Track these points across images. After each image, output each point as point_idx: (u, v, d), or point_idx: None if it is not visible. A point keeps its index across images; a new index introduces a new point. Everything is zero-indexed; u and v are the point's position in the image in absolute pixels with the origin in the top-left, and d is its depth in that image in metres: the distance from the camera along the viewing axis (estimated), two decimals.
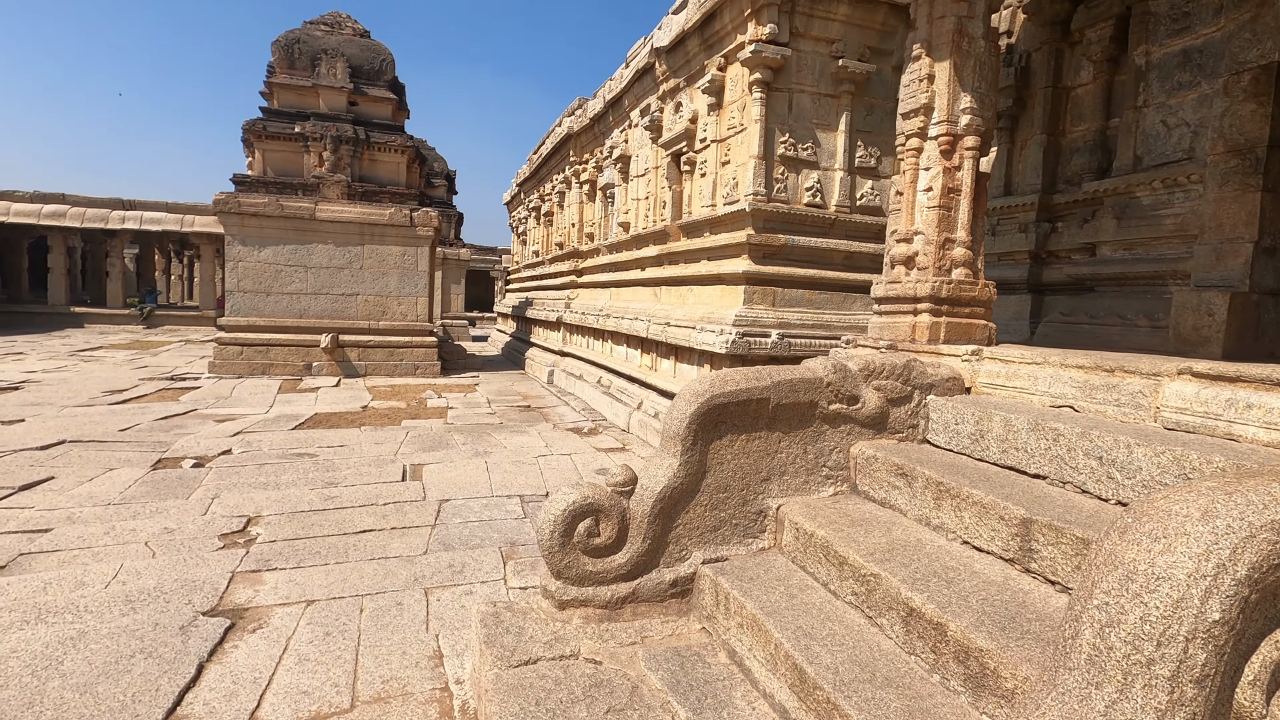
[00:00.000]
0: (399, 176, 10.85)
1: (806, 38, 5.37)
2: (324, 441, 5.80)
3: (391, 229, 10.27)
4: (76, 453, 5.13)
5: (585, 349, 9.25)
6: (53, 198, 17.62)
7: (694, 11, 5.90)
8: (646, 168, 7.71)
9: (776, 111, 5.37)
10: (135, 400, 7.57)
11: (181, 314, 18.92)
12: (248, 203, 9.56)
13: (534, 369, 11.13)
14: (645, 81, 7.47)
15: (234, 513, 3.95)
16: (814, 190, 5.50)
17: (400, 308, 10.52)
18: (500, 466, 5.12)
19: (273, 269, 9.88)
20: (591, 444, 6.05)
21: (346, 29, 10.76)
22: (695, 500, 2.33)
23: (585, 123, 9.63)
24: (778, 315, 5.30)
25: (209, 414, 6.90)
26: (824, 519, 2.23)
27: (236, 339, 9.71)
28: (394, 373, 10.36)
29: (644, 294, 7.48)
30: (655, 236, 7.29)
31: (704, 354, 5.55)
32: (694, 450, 2.30)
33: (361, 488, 4.48)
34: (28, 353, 11.64)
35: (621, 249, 8.52)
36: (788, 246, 5.39)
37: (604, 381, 7.98)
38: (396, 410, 7.48)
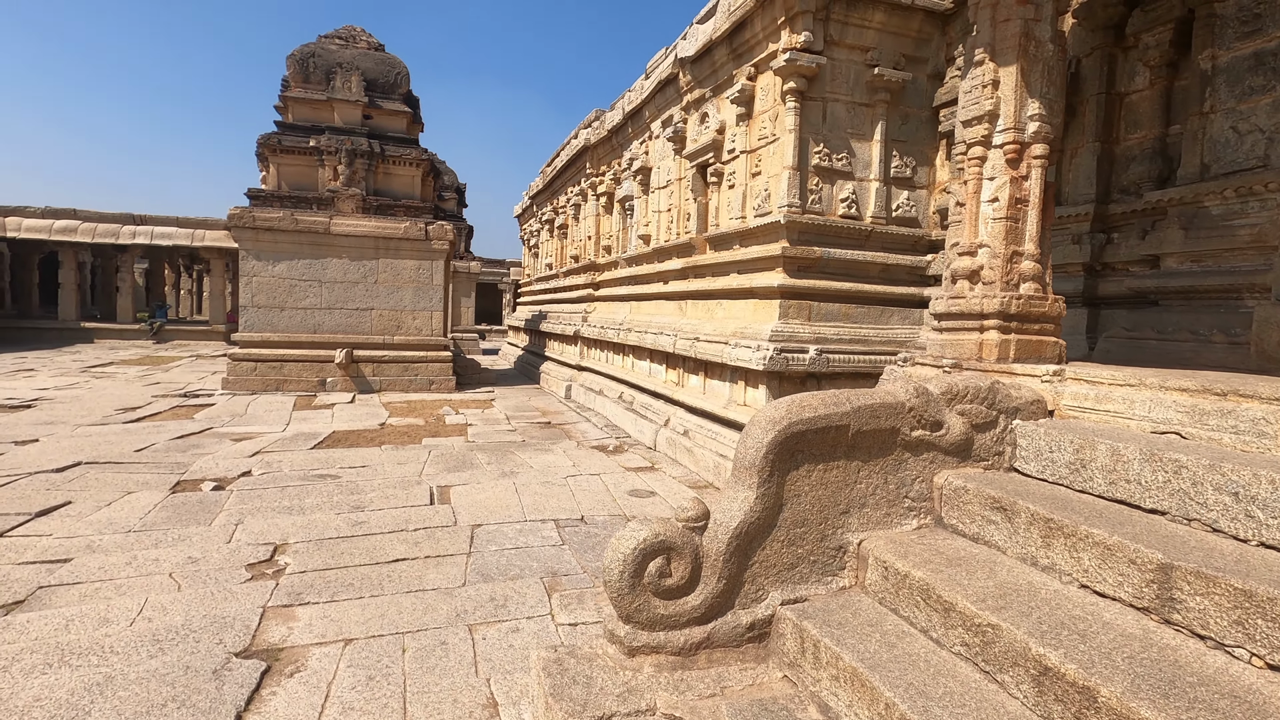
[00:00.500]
0: (414, 190, 10.75)
1: (841, 45, 5.24)
2: (345, 462, 5.64)
3: (406, 243, 10.17)
4: (93, 475, 4.98)
5: (604, 363, 9.09)
6: (64, 213, 17.61)
7: (722, 20, 5.78)
8: (669, 179, 7.58)
9: (810, 121, 5.24)
10: (150, 418, 7.43)
11: (191, 329, 18.85)
12: (262, 217, 9.47)
13: (550, 383, 10.98)
14: (668, 92, 7.36)
15: (260, 540, 3.78)
16: (849, 201, 5.35)
17: (415, 322, 10.39)
18: (529, 488, 4.95)
19: (287, 284, 9.77)
20: (619, 463, 5.88)
21: (361, 43, 10.71)
22: (772, 536, 2.15)
23: (603, 135, 9.52)
24: (814, 330, 5.14)
25: (225, 432, 6.76)
26: (915, 557, 2.05)
27: (250, 355, 9.58)
28: (409, 388, 10.22)
29: (668, 308, 7.32)
30: (679, 249, 7.15)
31: (737, 370, 5.38)
32: (770, 482, 2.13)
33: (389, 512, 4.31)
34: (39, 369, 11.54)
35: (642, 262, 8.38)
36: (823, 259, 5.24)
37: (625, 397, 7.81)
38: (415, 428, 7.32)
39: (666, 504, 4.67)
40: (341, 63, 10.28)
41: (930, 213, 5.62)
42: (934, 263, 5.50)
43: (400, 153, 10.47)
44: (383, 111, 10.61)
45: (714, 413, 5.61)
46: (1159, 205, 3.70)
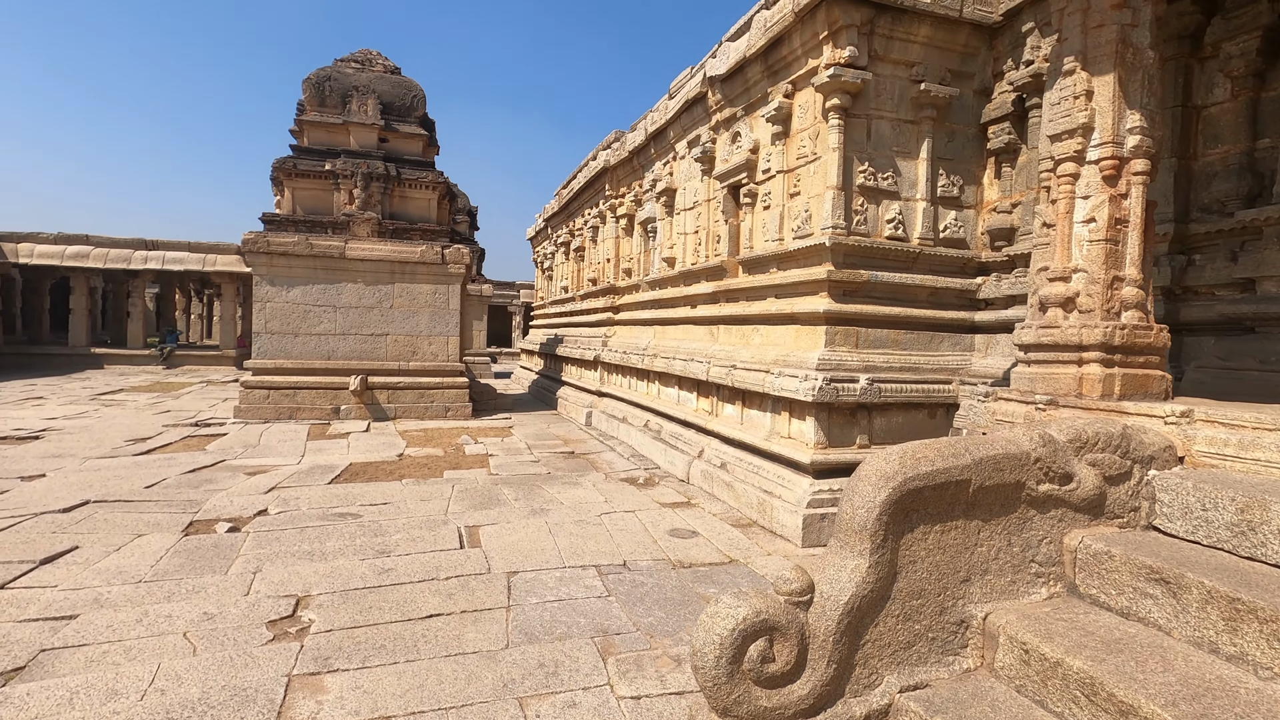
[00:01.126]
0: (429, 213, 10.58)
1: (885, 61, 5.02)
2: (365, 498, 5.35)
3: (422, 267, 9.97)
4: (101, 515, 4.71)
5: (627, 390, 8.81)
6: (76, 239, 17.57)
7: (758, 37, 5.58)
8: (696, 200, 7.36)
9: (854, 139, 5.00)
10: (160, 450, 7.17)
11: (201, 354, 18.69)
12: (277, 242, 9.29)
13: (568, 409, 10.69)
14: (695, 112, 7.16)
15: (280, 591, 3.49)
16: (895, 222, 5.10)
17: (431, 348, 10.16)
18: (563, 528, 4.65)
19: (301, 309, 9.56)
20: (652, 498, 5.57)
21: (377, 66, 10.62)
22: (885, 610, 1.86)
23: (623, 156, 9.34)
24: (863, 358, 4.85)
25: (238, 465, 6.49)
26: (1062, 638, 1.75)
27: (263, 382, 9.34)
28: (424, 415, 9.95)
29: (697, 333, 7.06)
30: (709, 272, 6.90)
31: (779, 400, 5.09)
32: (884, 548, 1.84)
33: (417, 558, 4.01)
34: (48, 397, 11.34)
35: (667, 285, 8.14)
36: (870, 283, 4.97)
37: (652, 425, 7.52)
38: (434, 459, 7.04)
39: (712, 546, 4.36)
40: (357, 86, 10.17)
41: (979, 233, 5.36)
42: (984, 286, 5.22)
43: (416, 175, 10.31)
44: (398, 134, 10.48)
45: (754, 445, 5.32)
46: (1252, 224, 3.42)
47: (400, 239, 10.11)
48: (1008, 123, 5.04)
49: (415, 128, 10.58)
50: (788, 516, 4.49)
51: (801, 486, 4.56)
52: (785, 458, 4.87)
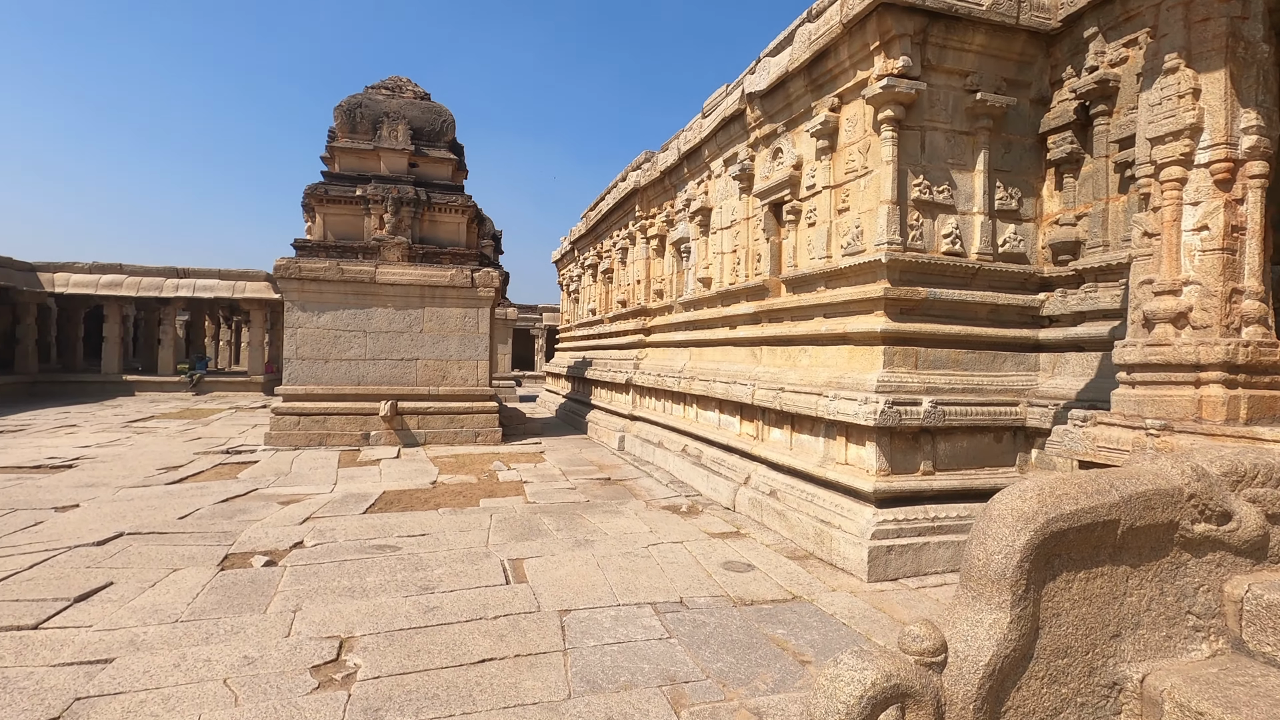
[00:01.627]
0: (459, 237, 10.54)
1: (939, 70, 4.84)
2: (402, 529, 5.17)
3: (452, 290, 9.89)
4: (136, 549, 4.58)
5: (662, 413, 8.60)
6: (110, 268, 17.85)
7: (801, 50, 5.44)
8: (733, 219, 7.19)
9: (908, 152, 4.81)
10: (192, 479, 7.08)
11: (230, 380, 18.81)
12: (308, 267, 9.27)
13: (599, 434, 10.49)
14: (732, 129, 7.03)
15: (322, 632, 3.30)
16: (952, 237, 4.88)
17: (461, 372, 10.04)
18: (610, 561, 4.42)
19: (331, 335, 9.51)
20: (699, 527, 5.33)
21: (407, 92, 10.68)
22: (1028, 671, 1.62)
23: (654, 176, 9.23)
24: (923, 379, 4.61)
25: (271, 494, 6.36)
26: (1246, 707, 1.49)
27: (294, 409, 9.27)
28: (454, 441, 9.81)
29: (737, 354, 6.85)
30: (749, 292, 6.71)
31: (834, 425, 4.85)
32: (1026, 600, 1.61)
33: (462, 594, 3.81)
34: (81, 425, 11.38)
35: (702, 306, 7.95)
36: (928, 300, 4.74)
37: (691, 450, 7.28)
38: (469, 486, 6.86)
39: (770, 580, 4.10)
40: (388, 112, 10.21)
41: (1039, 248, 5.12)
42: (1048, 302, 4.96)
43: (446, 200, 10.29)
44: (428, 159, 10.49)
45: (806, 471, 5.07)
46: None
47: (430, 263, 10.06)
48: (1069, 132, 4.82)
49: (445, 152, 10.59)
50: (850, 548, 4.23)
51: (863, 516, 4.30)
52: (843, 485, 4.61)
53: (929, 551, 4.23)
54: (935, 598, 3.84)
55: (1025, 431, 4.75)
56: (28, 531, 4.96)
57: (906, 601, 3.78)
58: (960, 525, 4.38)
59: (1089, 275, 4.62)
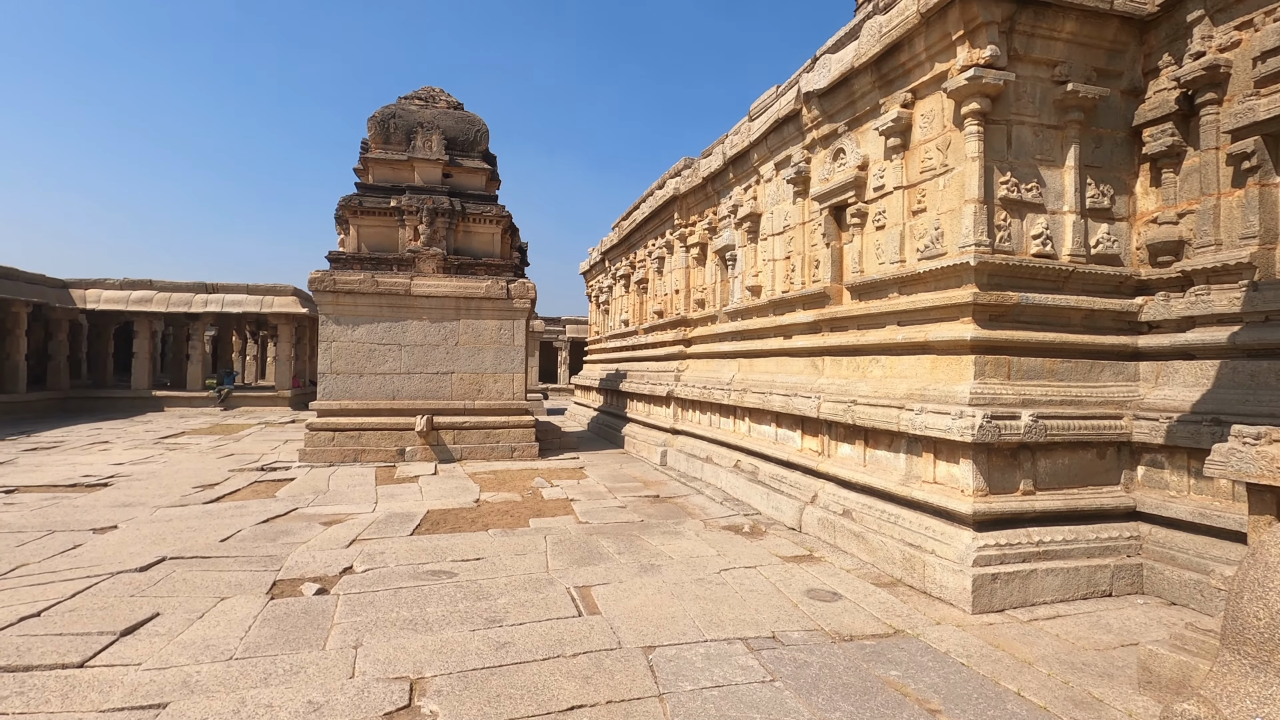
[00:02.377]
0: (493, 248, 10.34)
1: (1026, 60, 4.53)
2: (455, 552, 4.90)
3: (488, 302, 9.68)
4: (180, 575, 4.34)
5: (708, 427, 8.28)
6: (140, 284, 17.92)
7: (869, 44, 5.16)
8: (786, 224, 6.90)
9: (994, 148, 4.50)
10: (229, 497, 6.87)
11: (257, 395, 18.76)
12: (343, 280, 9.10)
13: (638, 448, 10.18)
14: (785, 131, 6.75)
15: (389, 672, 3.02)
16: (1042, 238, 4.55)
17: (496, 385, 9.80)
18: (683, 589, 4.11)
19: (366, 348, 9.32)
20: (768, 550, 5.00)
21: (441, 102, 10.54)
22: None
23: (696, 183, 8.97)
24: (1018, 391, 4.26)
25: (312, 514, 6.12)
26: None
27: (328, 424, 9.07)
28: (490, 456, 9.55)
29: (794, 365, 6.52)
30: (807, 300, 6.39)
31: (919, 440, 4.51)
32: None
33: (533, 627, 3.51)
34: (113, 441, 11.28)
35: (751, 315, 7.65)
36: (1020, 306, 4.41)
37: (744, 466, 6.96)
38: (514, 505, 6.58)
39: (864, 611, 3.76)
40: (422, 122, 10.07)
41: (1133, 248, 4.77)
42: (1148, 307, 4.61)
43: (480, 210, 10.10)
44: (462, 169, 10.32)
45: (886, 490, 4.73)
46: None
47: (465, 274, 9.86)
48: (1169, 123, 4.48)
49: (478, 162, 10.42)
50: (949, 576, 3.88)
51: (961, 541, 3.96)
52: (933, 506, 4.27)
53: (1036, 580, 3.87)
54: (1054, 633, 3.48)
55: (1130, 447, 4.38)
56: (67, 555, 4.75)
57: (1024, 638, 3.42)
58: (1066, 550, 4.02)
59: (1198, 277, 4.26)
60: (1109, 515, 4.27)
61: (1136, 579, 4.07)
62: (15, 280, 15.30)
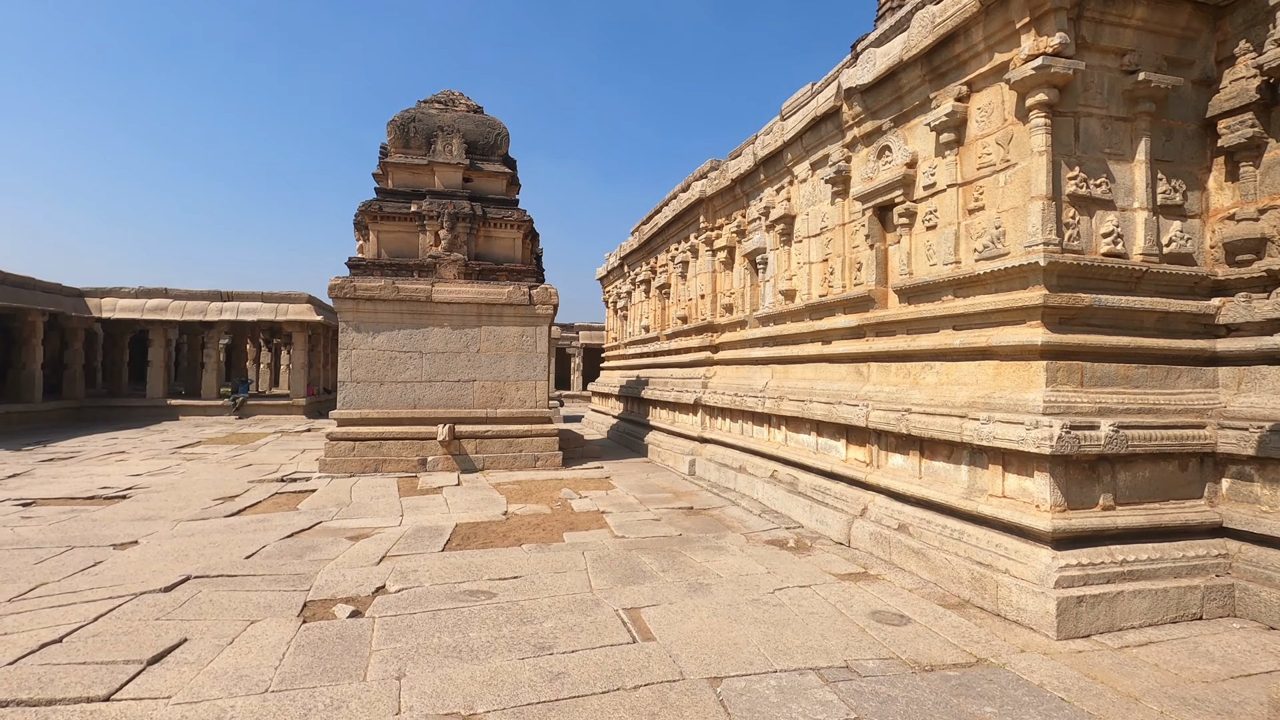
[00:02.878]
0: (514, 253, 10.15)
1: (1094, 49, 4.29)
2: (490, 569, 4.67)
3: (510, 308, 9.48)
4: (206, 595, 4.13)
5: (739, 435, 8.03)
6: (155, 292, 17.86)
7: (921, 36, 4.93)
8: (824, 226, 6.66)
9: (1061, 141, 4.25)
10: (250, 510, 6.67)
11: (272, 403, 18.63)
12: (363, 286, 8.93)
13: (663, 457, 9.94)
14: (823, 130, 6.52)
15: (438, 707, 2.79)
16: (1113, 236, 4.29)
17: (519, 393, 9.59)
18: (739, 611, 3.86)
19: (386, 356, 9.13)
20: (819, 567, 4.74)
21: (460, 106, 10.38)
22: None
23: (723, 185, 8.75)
24: (1093, 399, 4.00)
25: (337, 528, 5.91)
26: None
27: (348, 434, 8.87)
28: (513, 466, 9.32)
29: (835, 371, 6.27)
30: (848, 304, 6.15)
31: (983, 451, 4.26)
32: None
33: (586, 655, 3.27)
34: (130, 451, 11.13)
35: (785, 320, 7.41)
36: (1090, 309, 4.15)
37: (782, 476, 6.70)
38: (544, 518, 6.35)
39: (938, 637, 3.50)
40: (442, 126, 9.91)
41: (1207, 247, 4.50)
42: (1226, 309, 4.34)
43: (501, 214, 9.92)
44: (483, 173, 10.14)
45: (947, 504, 4.47)
46: None
47: (486, 280, 9.67)
48: (1249, 114, 4.22)
49: (499, 166, 10.25)
50: (1028, 599, 3.61)
51: (1039, 560, 3.69)
52: (1003, 522, 4.01)
53: (1123, 603, 3.60)
54: (1152, 662, 3.21)
55: (1215, 458, 4.10)
56: (88, 573, 4.55)
57: (1120, 668, 3.15)
58: (1153, 570, 3.75)
59: None
60: (1193, 532, 3.99)
61: (1228, 601, 3.79)
62: (31, 289, 15.25)
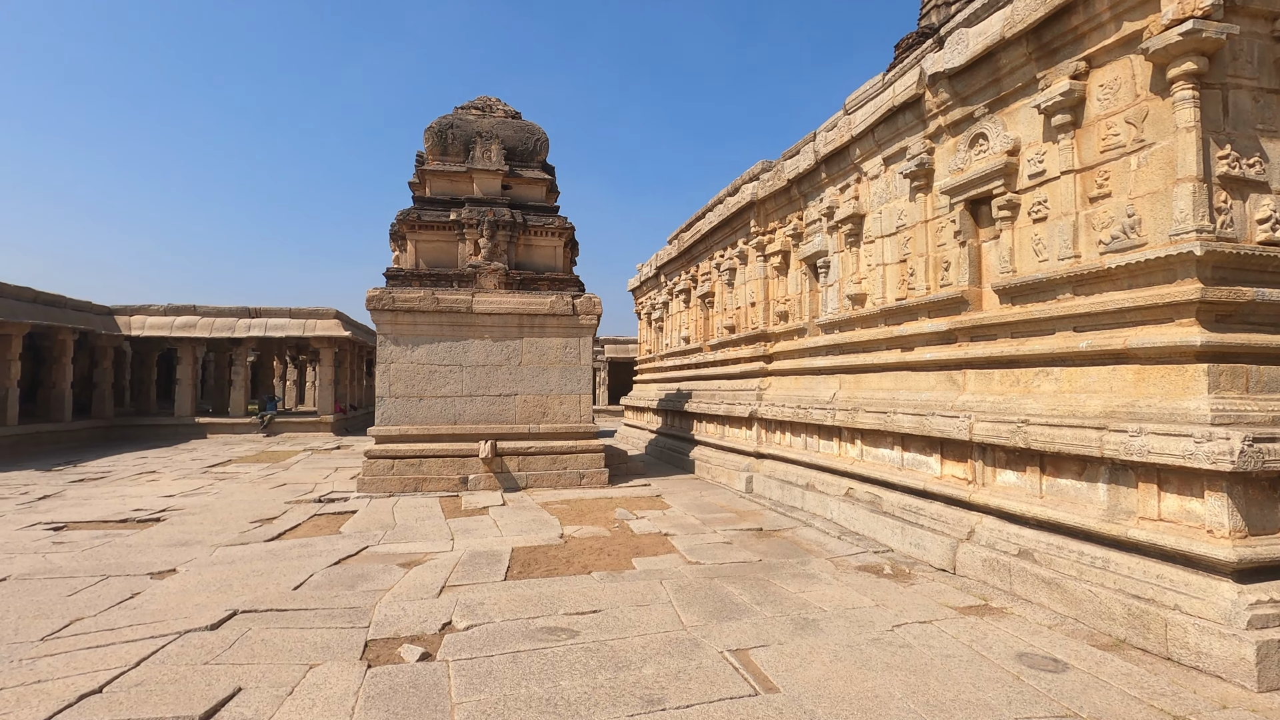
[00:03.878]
0: (555, 261, 9.78)
1: (1243, 13, 3.81)
2: (564, 602, 4.21)
3: (552, 319, 9.08)
4: (257, 634, 3.71)
5: (803, 450, 7.53)
6: (184, 309, 17.74)
7: (1029, 9, 4.48)
8: (901, 224, 6.19)
9: (1210, 116, 3.76)
10: (291, 533, 6.28)
11: (300, 421, 18.38)
12: (402, 297, 8.58)
13: (713, 473, 9.44)
14: (900, 121, 6.07)
15: None
16: (1270, 222, 3.79)
17: (562, 408, 9.16)
18: (863, 654, 3.36)
19: (426, 370, 8.76)
20: (929, 598, 4.23)
21: (498, 111, 10.07)
22: None
23: (778, 186, 8.32)
24: (1264, 407, 3.48)
25: (385, 553, 5.49)
26: None
27: (387, 451, 8.49)
28: (557, 483, 8.88)
29: (921, 380, 5.77)
30: (935, 307, 5.66)
31: (1133, 467, 3.74)
32: None
33: (705, 711, 2.79)
34: (160, 470, 10.84)
35: (854, 326, 6.93)
36: (1254, 303, 3.64)
37: (859, 495, 6.19)
38: (605, 541, 5.89)
39: (1110, 687, 2.98)
40: (480, 132, 9.59)
41: None
42: None
43: (542, 222, 9.55)
44: (522, 180, 9.80)
45: (1082, 528, 3.94)
46: None
47: (527, 289, 9.29)
48: None
49: (538, 172, 9.91)
50: (1212, 642, 3.08)
51: (1221, 595, 3.16)
52: (1165, 549, 3.48)
53: None
54: None
55: None
56: (126, 607, 4.15)
57: None
58: None
59: None
60: None
61: None
62: (62, 308, 15.14)
